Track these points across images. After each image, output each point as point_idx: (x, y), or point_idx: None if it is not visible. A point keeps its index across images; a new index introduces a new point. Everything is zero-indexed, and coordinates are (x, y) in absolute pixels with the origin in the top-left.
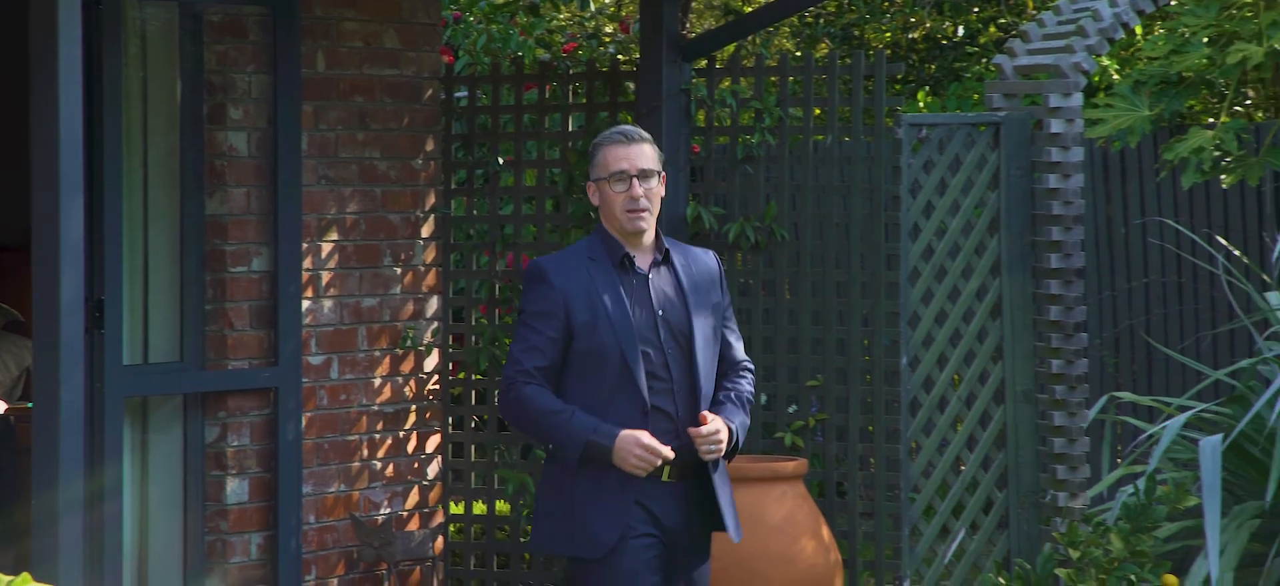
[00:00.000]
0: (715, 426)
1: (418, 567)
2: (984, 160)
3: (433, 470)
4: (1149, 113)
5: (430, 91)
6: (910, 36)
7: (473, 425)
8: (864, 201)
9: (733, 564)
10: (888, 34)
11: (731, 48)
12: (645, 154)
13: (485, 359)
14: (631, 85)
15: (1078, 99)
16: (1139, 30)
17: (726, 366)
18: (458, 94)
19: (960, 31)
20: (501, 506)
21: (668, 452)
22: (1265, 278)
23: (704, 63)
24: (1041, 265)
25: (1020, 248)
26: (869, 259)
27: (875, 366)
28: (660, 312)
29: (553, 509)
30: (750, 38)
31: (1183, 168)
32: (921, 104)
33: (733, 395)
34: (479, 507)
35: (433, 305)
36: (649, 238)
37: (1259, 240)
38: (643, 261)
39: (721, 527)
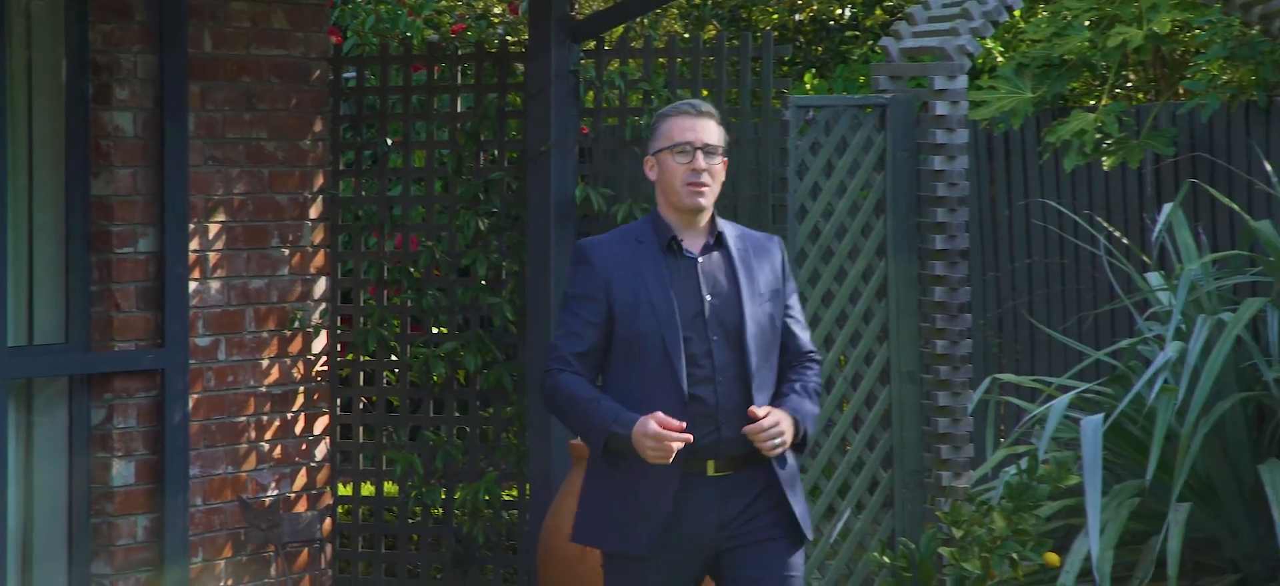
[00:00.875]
0: (772, 420)
1: (305, 549)
2: (870, 142)
3: (321, 452)
4: (1032, 95)
5: (318, 72)
6: (797, 18)
7: (361, 406)
8: (751, 183)
9: None
10: (775, 16)
11: (620, 29)
12: (712, 130)
13: (373, 340)
14: (520, 66)
15: (962, 81)
16: (1017, 15)
17: (791, 357)
18: (346, 75)
19: (846, 13)
20: (390, 487)
21: (683, 438)
22: (1145, 259)
23: (592, 44)
24: (926, 247)
25: (906, 229)
26: None
27: None
28: (708, 298)
29: (595, 500)
30: (639, 19)
31: (1065, 150)
32: (808, 86)
33: (797, 387)
34: (367, 489)
35: (321, 286)
36: (705, 218)
37: (1140, 221)
38: (693, 245)
39: (792, 521)
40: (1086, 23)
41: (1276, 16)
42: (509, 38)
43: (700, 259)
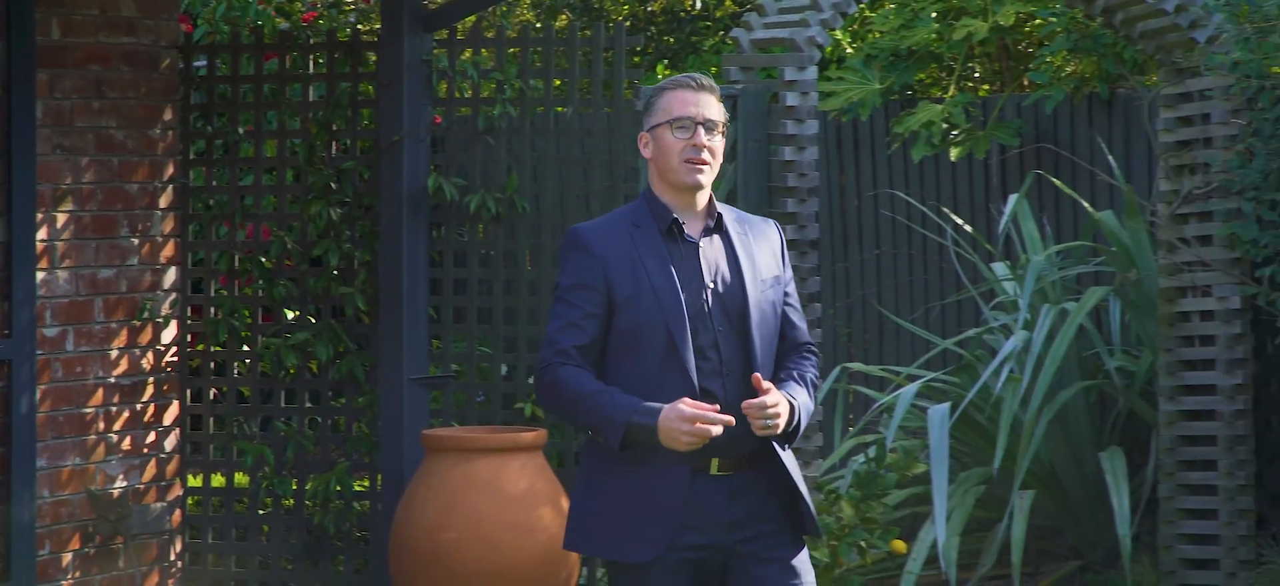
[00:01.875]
0: (775, 398)
1: (155, 541)
2: None
3: (170, 443)
4: (880, 86)
5: (168, 61)
6: (649, 9)
7: (212, 397)
8: (604, 173)
9: (471, 536)
10: (627, 6)
11: (472, 19)
12: (712, 105)
13: (224, 330)
14: (372, 56)
15: (813, 72)
16: (865, 9)
17: (788, 347)
18: (196, 63)
19: (698, 4)
20: (241, 479)
21: (724, 418)
22: (991, 249)
23: (445, 33)
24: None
25: None
26: None
27: None
28: (712, 285)
29: (590, 507)
30: (491, 9)
31: (913, 141)
32: (660, 76)
33: (795, 375)
34: (218, 480)
35: (171, 276)
36: (703, 199)
37: (986, 212)
38: (693, 228)
39: (797, 517)
40: (933, 15)
41: (1119, 9)
42: (361, 27)
43: (701, 243)
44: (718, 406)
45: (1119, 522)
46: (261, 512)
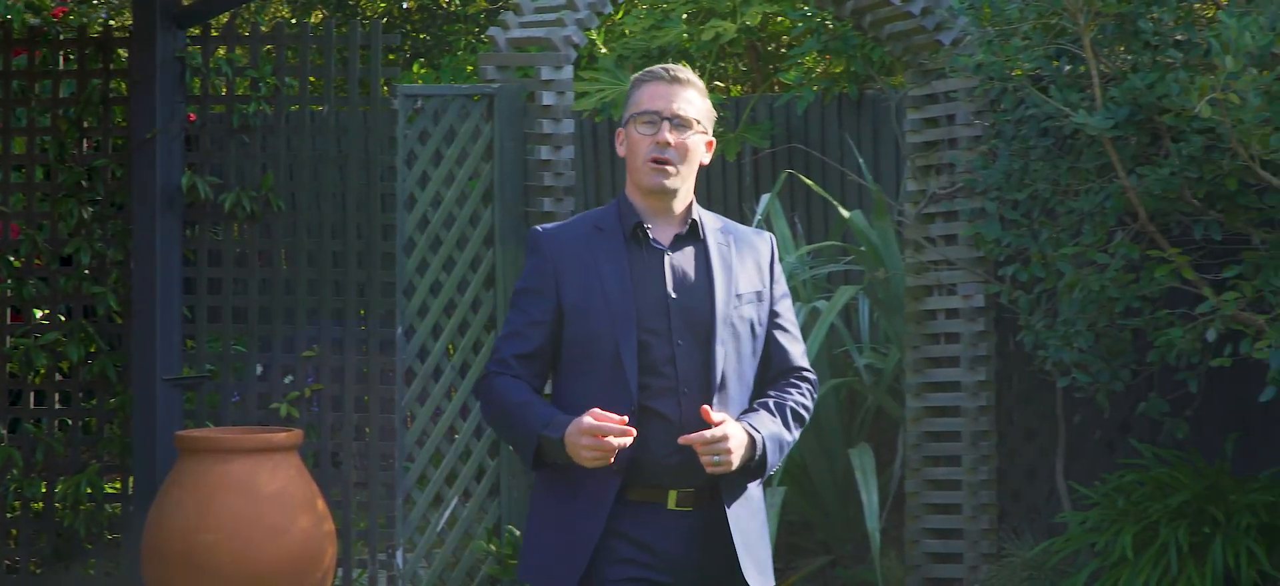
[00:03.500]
0: (721, 432)
1: None
2: (478, 132)
3: None
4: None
5: None
6: (405, 6)
7: None
8: (360, 172)
9: (225, 537)
10: (383, 4)
11: (226, 16)
12: (688, 100)
13: None
14: (124, 52)
15: (569, 72)
16: (621, 13)
17: (776, 372)
18: None
19: (455, 2)
20: None
21: (623, 430)
22: None
23: (199, 30)
24: None
25: (513, 219)
26: (365, 229)
27: (371, 337)
28: (673, 296)
29: (528, 532)
30: (245, 6)
31: None
32: (417, 74)
33: (771, 404)
34: None
35: None
36: (678, 204)
37: (739, 212)
38: (662, 235)
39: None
40: (684, 16)
41: (867, 11)
42: (113, 22)
43: (670, 251)
44: (626, 419)
45: (867, 517)
46: (9, 516)
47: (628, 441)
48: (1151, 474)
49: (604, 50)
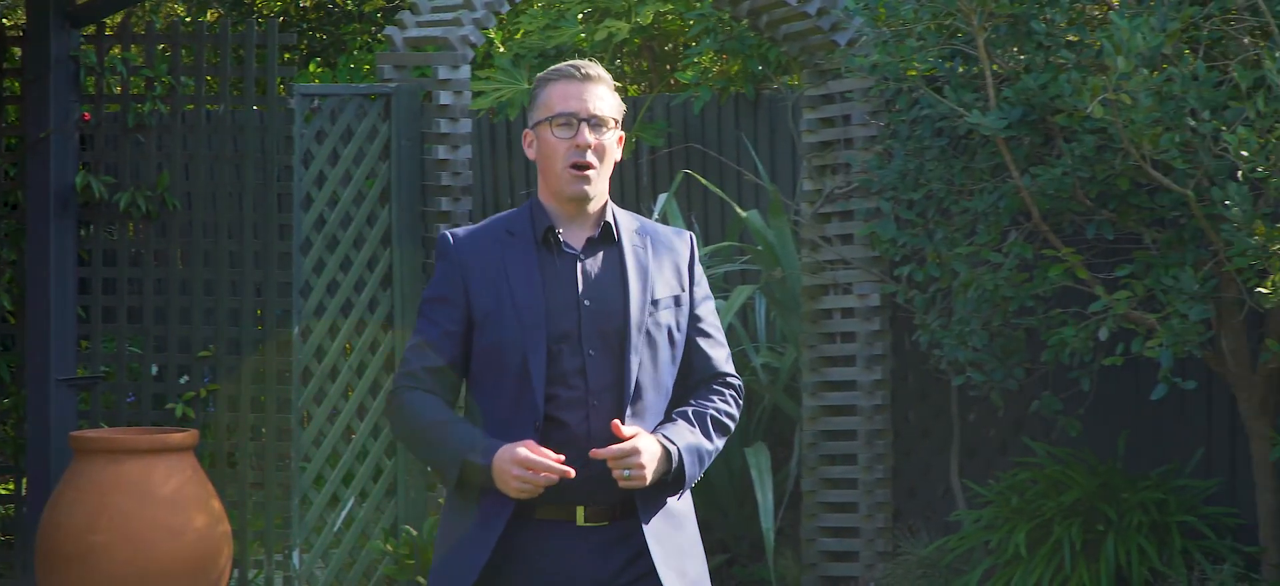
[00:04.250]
0: (631, 446)
1: None
2: (375, 131)
3: None
4: (528, 86)
5: None
6: (301, 5)
7: None
8: (257, 171)
9: (120, 538)
10: (279, 3)
11: (121, 14)
12: (601, 97)
13: None
14: (18, 50)
15: (466, 71)
16: (521, 12)
17: (697, 379)
18: None
19: (351, 1)
20: None
21: (563, 470)
22: None
23: (93, 28)
24: (431, 235)
25: (410, 218)
26: (262, 229)
27: (267, 336)
28: (586, 303)
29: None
30: (140, 4)
31: None
32: (314, 74)
33: (691, 413)
34: None
35: None
36: (593, 206)
37: (636, 211)
38: (575, 238)
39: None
40: (579, 16)
41: (763, 11)
42: (5, 21)
43: (582, 256)
44: (564, 458)
45: (763, 516)
46: None
47: (555, 479)
48: (1045, 472)
49: (501, 49)
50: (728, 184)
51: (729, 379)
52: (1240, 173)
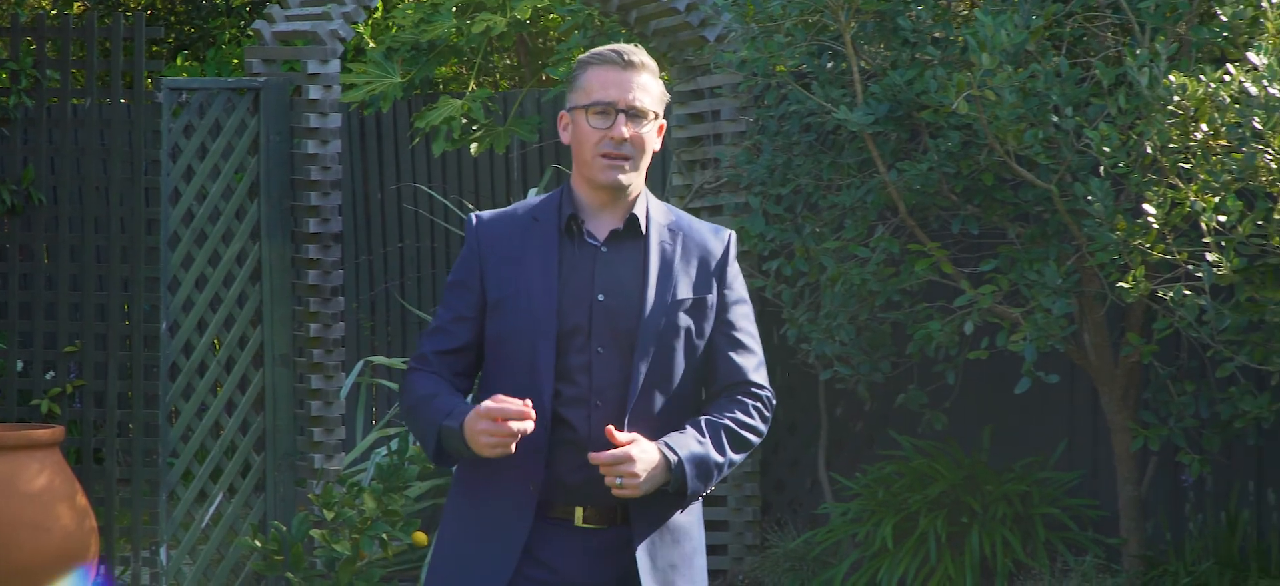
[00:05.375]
0: (623, 453)
1: None
2: (244, 125)
3: None
4: (401, 80)
5: None
6: None
7: None
8: (124, 166)
9: None
10: None
11: None
12: (644, 88)
13: None
14: None
15: (336, 65)
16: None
17: (721, 387)
18: None
19: None
20: None
21: (523, 412)
22: None
23: None
24: (300, 230)
25: (279, 212)
26: (129, 223)
27: (134, 331)
28: (599, 297)
29: (441, 541)
30: None
31: (434, 135)
32: (182, 67)
33: (704, 422)
34: None
35: None
36: (627, 197)
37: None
38: (599, 228)
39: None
40: (454, 9)
41: (633, 7)
42: None
43: (604, 247)
44: (530, 402)
45: None
46: None
47: (529, 426)
48: (911, 465)
49: (372, 44)
50: None
51: (755, 389)
52: (1102, 168)
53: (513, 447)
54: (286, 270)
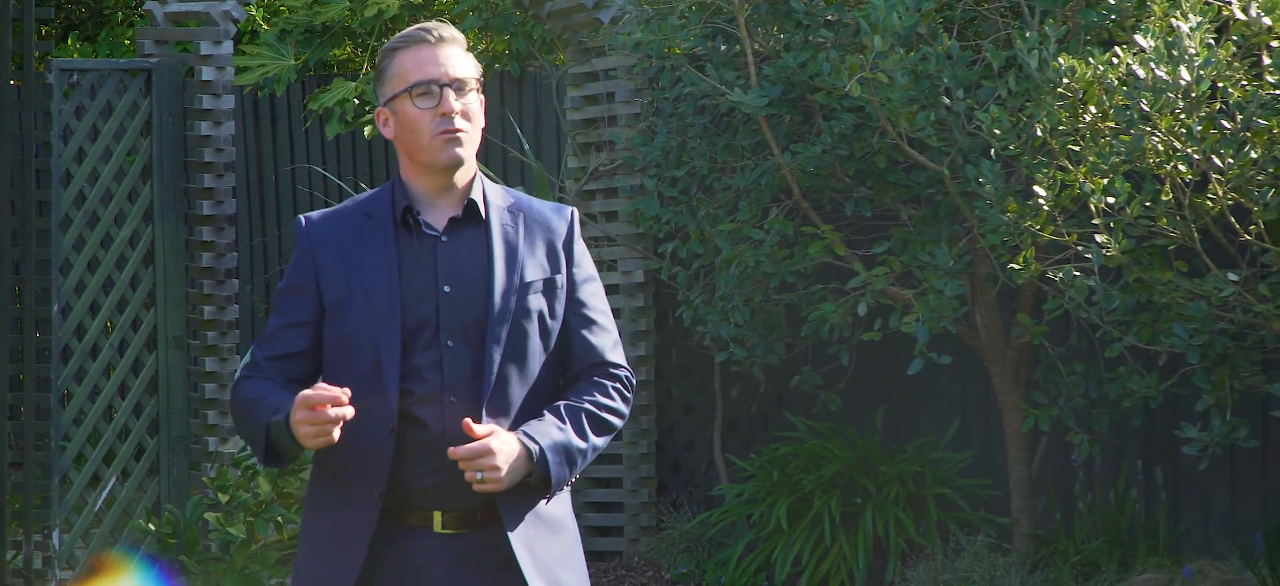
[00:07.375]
0: (482, 445)
1: None
2: (136, 107)
3: None
4: (294, 62)
5: None
6: None
7: None
8: (14, 147)
9: None
10: None
11: None
12: (458, 59)
13: None
14: None
15: (228, 47)
16: None
17: (579, 370)
18: None
19: None
20: None
21: (341, 408)
22: None
23: None
24: (194, 212)
25: (172, 195)
26: (19, 205)
27: (25, 314)
28: (445, 290)
29: (297, 557)
30: None
31: (328, 117)
32: (72, 48)
33: (563, 408)
34: None
35: None
36: (461, 178)
37: None
38: (436, 218)
39: None
40: None
41: None
42: None
43: (443, 236)
44: (350, 394)
45: None
46: None
47: (348, 411)
48: (805, 446)
49: (265, 26)
50: (493, 161)
51: (614, 370)
52: (993, 150)
53: (336, 434)
54: (180, 253)
